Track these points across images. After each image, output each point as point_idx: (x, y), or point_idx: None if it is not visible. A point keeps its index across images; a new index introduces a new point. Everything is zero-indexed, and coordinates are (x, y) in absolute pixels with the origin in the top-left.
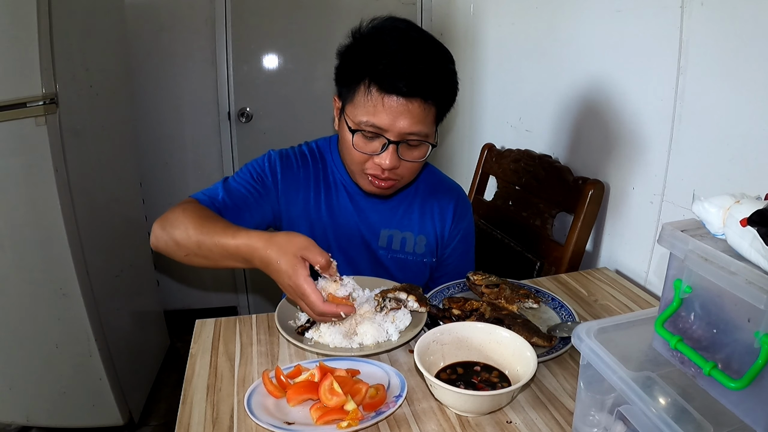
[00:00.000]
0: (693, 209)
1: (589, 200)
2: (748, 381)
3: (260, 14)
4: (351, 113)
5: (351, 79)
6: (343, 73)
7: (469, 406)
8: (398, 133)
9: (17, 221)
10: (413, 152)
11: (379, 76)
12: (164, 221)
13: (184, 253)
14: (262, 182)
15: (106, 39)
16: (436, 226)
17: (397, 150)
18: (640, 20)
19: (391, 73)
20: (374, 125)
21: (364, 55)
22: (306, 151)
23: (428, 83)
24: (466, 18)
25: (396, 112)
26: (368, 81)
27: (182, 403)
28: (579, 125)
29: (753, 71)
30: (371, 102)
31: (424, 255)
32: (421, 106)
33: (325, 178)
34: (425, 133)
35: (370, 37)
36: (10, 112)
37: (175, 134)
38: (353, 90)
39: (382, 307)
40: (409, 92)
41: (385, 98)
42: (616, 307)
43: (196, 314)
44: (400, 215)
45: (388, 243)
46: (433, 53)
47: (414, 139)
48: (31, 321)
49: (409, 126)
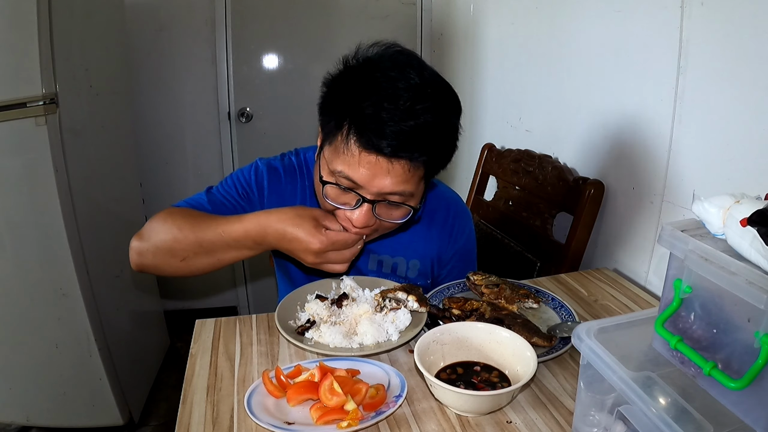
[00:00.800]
0: (693, 209)
1: (589, 200)
2: (748, 381)
3: (260, 14)
4: (327, 156)
5: (331, 118)
6: (325, 107)
7: (469, 406)
8: (376, 193)
9: (17, 221)
10: (391, 212)
11: (360, 127)
12: (146, 234)
13: (181, 258)
14: (247, 197)
15: (106, 39)
16: (432, 249)
17: (374, 209)
18: (640, 20)
19: (374, 127)
20: (349, 178)
21: (349, 94)
22: (294, 163)
23: (418, 142)
24: (466, 18)
25: (375, 170)
26: (347, 128)
27: (182, 403)
28: (579, 125)
29: (753, 71)
30: (348, 153)
31: (416, 279)
32: (406, 166)
33: (311, 195)
34: (410, 192)
35: (361, 71)
36: (10, 112)
37: (175, 134)
38: (332, 131)
39: (382, 307)
40: (393, 152)
41: (363, 154)
42: (616, 307)
43: (196, 314)
44: (391, 240)
45: (378, 267)
46: (433, 104)
47: (395, 199)
48: (31, 321)
49: (391, 186)
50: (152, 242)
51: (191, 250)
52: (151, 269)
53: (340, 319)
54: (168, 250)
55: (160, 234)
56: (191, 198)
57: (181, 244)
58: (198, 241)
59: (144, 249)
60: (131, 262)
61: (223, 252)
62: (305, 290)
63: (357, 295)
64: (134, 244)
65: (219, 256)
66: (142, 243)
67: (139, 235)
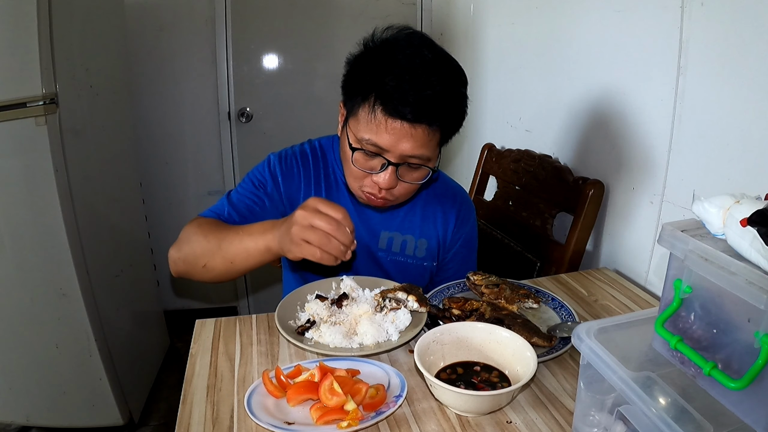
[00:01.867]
0: (693, 209)
1: (589, 200)
2: (748, 381)
3: (260, 14)
4: (354, 127)
5: (357, 93)
6: (349, 84)
7: (469, 406)
8: (399, 156)
9: (17, 221)
10: (412, 174)
11: (385, 98)
12: (177, 243)
13: (203, 263)
14: (265, 189)
15: (106, 39)
16: (438, 230)
17: (397, 171)
18: (640, 20)
19: (397, 96)
20: (376, 144)
21: (372, 71)
22: (307, 150)
23: (435, 109)
24: (466, 18)
25: (399, 135)
26: (373, 99)
27: (182, 403)
28: (579, 125)
29: (753, 71)
30: (374, 122)
31: (424, 259)
32: (425, 131)
33: (326, 177)
34: (427, 156)
35: (381, 50)
36: (10, 112)
37: (175, 134)
38: (358, 104)
39: (382, 307)
40: (414, 118)
41: (389, 121)
42: (616, 307)
43: (196, 314)
44: (401, 218)
45: (388, 245)
46: (444, 76)
47: (415, 162)
48: (31, 321)
49: (412, 149)
50: (182, 250)
51: (212, 252)
52: (185, 275)
53: (340, 319)
54: (194, 254)
55: (188, 242)
56: (214, 206)
57: (204, 248)
58: (219, 244)
59: (176, 258)
60: (171, 269)
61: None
62: (305, 290)
63: (357, 295)
64: (172, 254)
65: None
66: (175, 252)
67: (175, 245)
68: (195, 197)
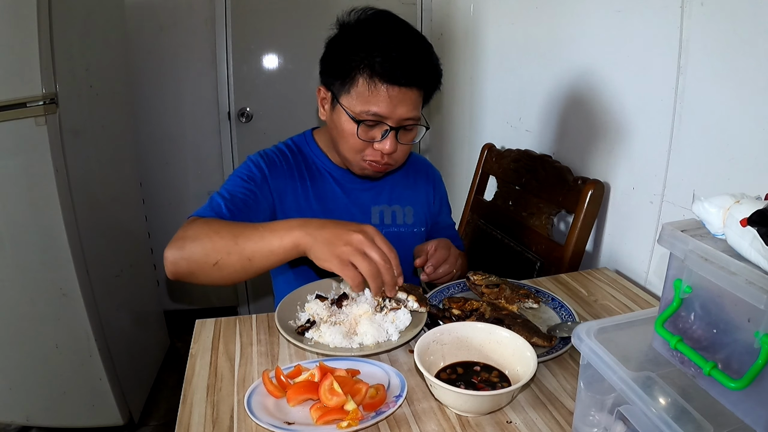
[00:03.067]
0: (693, 209)
1: (589, 200)
2: (748, 381)
3: (260, 14)
4: (348, 103)
5: (346, 71)
6: (335, 65)
7: (469, 406)
8: (397, 120)
9: (17, 221)
10: (408, 135)
11: (382, 69)
12: (177, 242)
13: (215, 261)
14: (254, 182)
15: (106, 39)
16: (420, 196)
17: (396, 135)
18: (640, 20)
19: (390, 65)
20: (376, 113)
21: (359, 48)
22: (283, 148)
23: (421, 72)
24: (466, 18)
25: (396, 100)
26: (369, 73)
27: (182, 403)
28: (579, 125)
29: (753, 71)
30: (372, 92)
31: (414, 225)
32: (415, 94)
33: (308, 168)
34: (418, 117)
35: (360, 29)
36: (10, 112)
37: (175, 134)
38: (349, 82)
39: (382, 308)
40: (407, 82)
41: (387, 88)
42: (616, 307)
43: (196, 314)
44: (388, 190)
45: (380, 219)
46: (421, 43)
47: (410, 124)
48: (31, 321)
49: (407, 112)
50: (186, 249)
51: (226, 250)
52: (185, 277)
53: (340, 319)
54: (203, 252)
55: (196, 240)
56: (206, 207)
57: (217, 246)
58: (235, 239)
59: (177, 258)
60: (167, 271)
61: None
62: (305, 290)
63: (357, 295)
64: (169, 254)
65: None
66: (176, 252)
67: (175, 244)
68: (195, 197)
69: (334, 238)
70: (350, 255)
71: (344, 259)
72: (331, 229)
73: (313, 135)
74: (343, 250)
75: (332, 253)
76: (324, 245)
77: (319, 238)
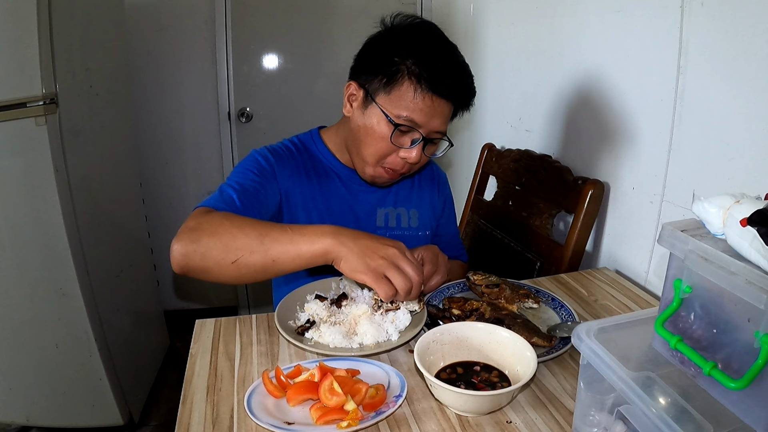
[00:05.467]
0: (693, 209)
1: (589, 200)
2: (748, 381)
3: (260, 14)
4: (386, 105)
5: (391, 72)
6: (378, 63)
7: (469, 406)
8: (429, 131)
9: (17, 221)
10: (432, 148)
11: (428, 76)
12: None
13: (235, 258)
14: (263, 174)
15: (106, 39)
16: (425, 198)
17: (423, 146)
18: (640, 20)
19: (439, 76)
20: (412, 120)
21: (409, 52)
22: (289, 145)
23: (461, 90)
24: (466, 18)
25: (433, 111)
26: (416, 79)
27: (182, 403)
28: (579, 125)
29: (753, 71)
30: (415, 98)
31: (419, 228)
32: (449, 108)
33: (314, 167)
34: (445, 131)
35: (410, 33)
36: (10, 112)
37: (175, 134)
38: (392, 83)
39: (379, 306)
40: (448, 95)
41: (431, 98)
42: (616, 307)
43: (196, 314)
44: (393, 192)
45: (385, 222)
46: (463, 61)
47: (438, 137)
48: (31, 321)
49: (439, 125)
50: (201, 243)
51: (249, 248)
52: (195, 273)
53: (339, 319)
54: (223, 246)
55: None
56: (214, 198)
57: (239, 241)
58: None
59: (189, 250)
60: (174, 264)
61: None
62: (305, 290)
63: (356, 295)
64: (180, 247)
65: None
66: (190, 245)
67: (187, 236)
68: (195, 197)
69: (369, 251)
70: (385, 268)
71: (379, 273)
72: (365, 241)
73: (320, 134)
74: (379, 264)
75: (367, 265)
76: (358, 257)
77: (354, 249)
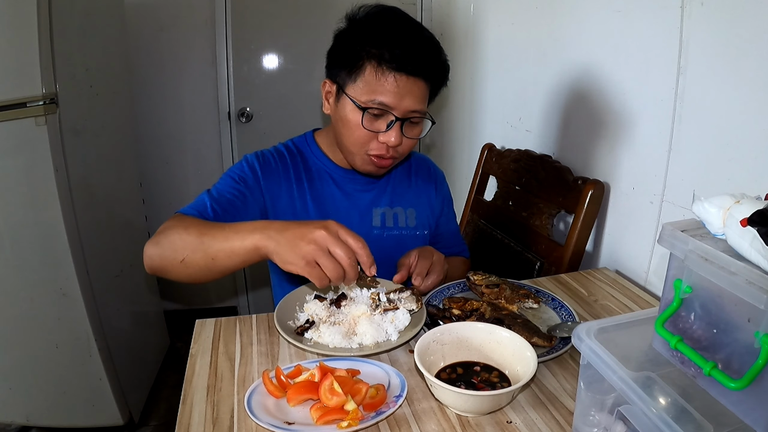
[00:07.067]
0: (693, 209)
1: (589, 200)
2: (748, 381)
3: (260, 14)
4: (354, 93)
5: (354, 61)
6: (343, 56)
7: (469, 406)
8: (404, 111)
9: (17, 221)
10: (413, 129)
11: (388, 56)
12: (155, 238)
13: (181, 257)
14: (245, 183)
15: (106, 39)
16: (422, 197)
17: (402, 127)
18: (640, 20)
19: (400, 54)
20: (382, 103)
21: (368, 37)
22: (282, 149)
23: (428, 64)
24: (466, 18)
25: (403, 90)
26: (376, 61)
27: (182, 403)
28: (579, 125)
29: (753, 71)
30: (379, 80)
31: (416, 228)
32: (422, 86)
33: (306, 170)
34: (424, 111)
35: (370, 21)
36: (10, 112)
37: (175, 134)
38: (356, 71)
39: (377, 306)
40: (414, 72)
41: (396, 77)
42: (616, 307)
43: (196, 314)
44: (389, 191)
45: (382, 221)
46: (428, 36)
47: (416, 116)
48: (31, 321)
49: (413, 104)
50: (160, 245)
51: (192, 247)
52: (159, 272)
53: (339, 319)
54: (172, 249)
55: (168, 236)
56: (193, 203)
57: (185, 242)
58: (200, 239)
59: (152, 253)
60: (145, 265)
61: (223, 251)
62: (304, 290)
63: (355, 295)
64: (148, 248)
65: (219, 258)
66: (152, 247)
67: (153, 239)
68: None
69: (296, 239)
70: (314, 253)
71: (310, 260)
72: (293, 229)
73: (314, 136)
74: (308, 250)
75: (297, 254)
76: (288, 247)
77: (282, 241)
